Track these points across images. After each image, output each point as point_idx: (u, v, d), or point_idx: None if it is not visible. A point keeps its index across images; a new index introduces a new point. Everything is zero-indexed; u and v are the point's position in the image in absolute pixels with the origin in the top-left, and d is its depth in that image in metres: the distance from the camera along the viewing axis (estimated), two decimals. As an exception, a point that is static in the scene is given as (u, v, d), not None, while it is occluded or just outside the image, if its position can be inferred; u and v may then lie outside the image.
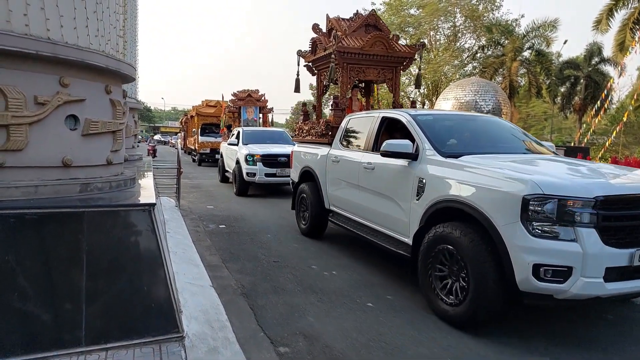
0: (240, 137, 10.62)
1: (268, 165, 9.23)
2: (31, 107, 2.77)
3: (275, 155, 9.38)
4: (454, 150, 3.79)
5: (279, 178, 9.35)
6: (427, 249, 3.36)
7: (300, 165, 6.26)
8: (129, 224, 2.85)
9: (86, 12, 3.07)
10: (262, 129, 12.99)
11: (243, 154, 9.40)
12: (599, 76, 25.97)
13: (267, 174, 9.24)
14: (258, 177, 9.20)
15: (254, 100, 16.92)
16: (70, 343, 2.30)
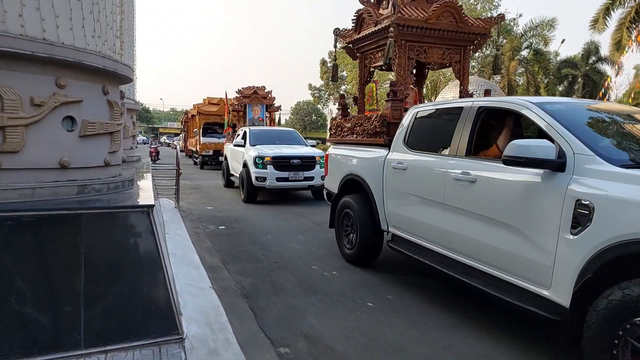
0: (247, 138, 9.75)
1: (280, 168, 8.54)
2: (27, 108, 2.74)
3: (288, 157, 8.75)
4: (626, 157, 2.51)
5: (292, 182, 8.68)
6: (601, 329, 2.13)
7: (340, 172, 4.98)
8: (127, 226, 2.83)
9: (82, 13, 3.05)
10: (270, 129, 12.01)
11: (251, 157, 8.68)
12: (597, 75, 26.03)
13: (279, 178, 8.52)
14: (269, 182, 8.45)
15: (260, 97, 15.52)
16: (69, 345, 2.28)
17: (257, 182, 8.52)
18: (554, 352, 2.83)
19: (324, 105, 40.70)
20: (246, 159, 8.98)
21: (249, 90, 15.57)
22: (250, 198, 8.79)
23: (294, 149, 9.42)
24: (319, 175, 8.61)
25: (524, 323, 3.27)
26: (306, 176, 8.74)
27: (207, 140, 17.74)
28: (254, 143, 9.50)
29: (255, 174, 8.53)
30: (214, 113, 18.75)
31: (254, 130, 10.47)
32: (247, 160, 8.90)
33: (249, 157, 8.80)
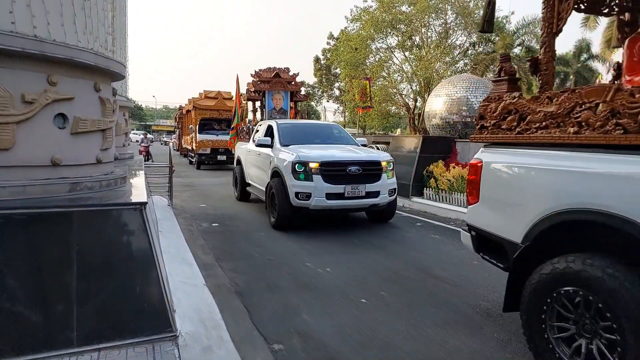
0: (275, 135, 7.00)
1: (331, 179, 5.79)
2: (18, 105, 2.72)
3: (343, 162, 5.96)
4: None
5: (350, 201, 5.90)
6: None
7: (532, 203, 2.50)
8: (120, 224, 2.82)
9: (73, 9, 3.02)
10: (306, 122, 9.11)
11: (287, 162, 5.98)
12: (588, 72, 26.31)
13: (331, 194, 5.77)
14: (315, 200, 5.73)
15: (283, 82, 11.86)
16: (61, 344, 2.27)
17: (298, 199, 5.78)
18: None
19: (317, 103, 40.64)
20: (277, 165, 6.26)
21: (268, 73, 11.85)
22: (284, 222, 6.04)
23: (346, 150, 6.63)
24: (387, 189, 6.14)
25: (517, 320, 3.32)
26: (369, 191, 5.94)
27: (204, 138, 16.08)
28: (286, 142, 6.76)
29: (296, 188, 5.77)
30: (212, 108, 17.15)
31: (284, 124, 7.57)
32: (279, 168, 6.17)
33: (283, 163, 6.07)
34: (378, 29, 25.57)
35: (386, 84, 26.53)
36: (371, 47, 26.55)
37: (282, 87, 12.01)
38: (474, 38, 26.38)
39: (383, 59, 26.79)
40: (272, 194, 6.22)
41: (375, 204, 6.10)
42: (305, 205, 5.82)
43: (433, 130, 14.32)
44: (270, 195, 6.33)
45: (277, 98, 12.00)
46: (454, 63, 27.03)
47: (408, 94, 27.98)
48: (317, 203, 5.78)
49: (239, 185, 8.69)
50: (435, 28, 26.53)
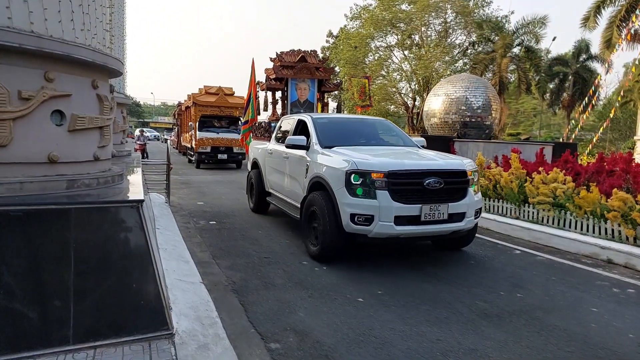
0: (312, 134, 5.35)
1: (403, 196, 4.19)
2: (15, 102, 2.71)
3: (419, 172, 4.30)
4: None
5: (427, 227, 4.28)
6: None
7: None
8: (117, 221, 2.82)
9: (71, 5, 3.01)
10: (345, 117, 6.98)
11: (338, 171, 4.37)
12: (587, 73, 26.35)
13: (402, 217, 4.16)
14: (379, 225, 4.12)
15: (310, 68, 9.70)
16: (57, 341, 2.27)
17: (355, 224, 4.17)
18: (539, 348, 2.89)
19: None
20: (320, 174, 4.66)
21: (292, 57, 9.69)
22: (331, 253, 4.53)
23: (412, 155, 4.95)
24: (473, 210, 4.54)
25: (511, 319, 3.34)
26: (453, 212, 4.34)
27: (204, 136, 15.29)
28: (326, 143, 5.12)
29: (352, 209, 4.17)
30: (212, 104, 16.34)
31: (322, 119, 5.79)
32: (323, 178, 4.57)
33: (332, 172, 4.49)
34: (378, 28, 25.54)
35: (385, 83, 26.53)
36: (370, 45, 26.51)
37: (309, 74, 9.66)
38: (474, 37, 26.38)
39: (382, 58, 26.78)
40: (312, 214, 4.64)
41: (458, 230, 4.47)
42: (364, 231, 4.15)
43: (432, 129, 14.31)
44: (309, 215, 4.70)
45: (302, 88, 9.78)
46: (453, 62, 27.05)
47: (407, 93, 27.97)
48: (382, 230, 4.07)
49: (255, 194, 7.04)
50: (434, 27, 26.54)
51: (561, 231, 5.74)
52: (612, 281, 4.30)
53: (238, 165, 16.05)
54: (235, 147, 15.46)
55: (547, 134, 34.74)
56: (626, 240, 5.17)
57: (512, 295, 3.81)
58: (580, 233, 5.64)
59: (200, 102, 16.45)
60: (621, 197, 5.33)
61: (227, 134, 15.77)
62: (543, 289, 4.01)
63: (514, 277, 4.33)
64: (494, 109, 13.79)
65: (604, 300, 3.78)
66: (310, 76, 9.93)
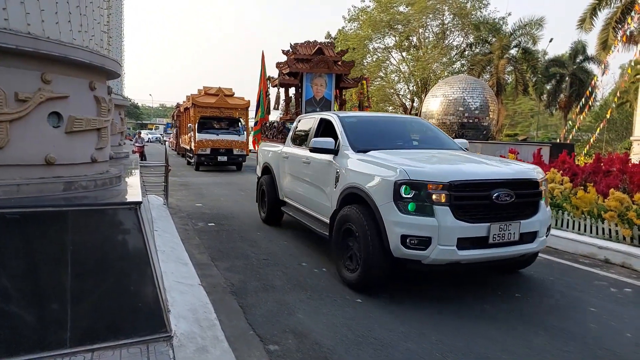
0: (340, 135, 4.59)
1: (467, 213, 3.44)
2: (12, 103, 2.70)
3: (486, 183, 3.55)
4: None
5: (496, 250, 3.50)
6: None
7: None
8: (114, 223, 2.80)
9: (68, 7, 3.00)
10: (376, 116, 6.10)
11: (384, 181, 3.59)
12: (584, 74, 26.49)
13: (467, 239, 3.40)
14: (438, 250, 3.33)
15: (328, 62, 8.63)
16: (54, 344, 2.26)
17: (407, 248, 3.40)
18: (538, 348, 2.89)
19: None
20: (357, 184, 3.88)
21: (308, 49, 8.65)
22: (375, 282, 3.74)
23: (471, 161, 4.09)
24: (545, 227, 3.80)
25: (509, 319, 3.34)
26: (525, 231, 3.59)
27: (203, 137, 15.04)
28: (359, 146, 4.36)
29: (402, 229, 3.40)
30: (212, 105, 15.98)
31: (350, 118, 5.01)
32: (363, 189, 3.77)
33: (374, 182, 3.69)
34: (376, 29, 25.61)
35: (383, 84, 26.59)
36: (369, 47, 26.58)
37: (326, 69, 8.56)
38: (471, 39, 26.47)
39: (380, 59, 26.84)
40: (347, 232, 3.87)
41: (526, 253, 3.75)
42: (418, 257, 3.36)
43: (429, 130, 14.32)
44: (343, 233, 3.95)
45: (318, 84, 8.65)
46: (450, 64, 27.12)
47: (405, 94, 28.03)
48: (441, 255, 3.30)
49: (267, 203, 6.26)
50: (432, 29, 26.62)
51: (559, 231, 5.75)
52: (609, 281, 4.31)
53: (238, 168, 15.86)
54: (235, 148, 15.30)
55: (545, 134, 34.87)
56: (623, 240, 5.19)
57: (510, 295, 3.81)
58: (577, 233, 5.65)
59: (200, 103, 16.09)
60: (618, 197, 5.35)
61: (227, 136, 15.46)
62: (541, 289, 4.01)
63: (512, 277, 4.33)
64: (492, 110, 13.83)
65: (602, 300, 3.79)
66: (327, 70, 8.68)
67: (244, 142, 15.52)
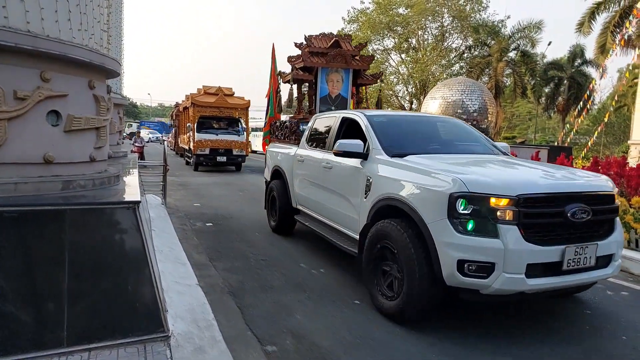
0: (370, 137, 4.03)
1: (538, 232, 2.87)
2: (10, 102, 2.69)
3: (561, 197, 2.97)
4: None
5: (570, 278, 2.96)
6: None
7: None
8: (112, 222, 2.79)
9: (68, 5, 2.99)
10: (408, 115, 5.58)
11: (434, 192, 2.99)
12: (582, 77, 26.58)
13: (537, 265, 2.82)
14: (504, 279, 2.74)
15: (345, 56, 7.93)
16: (51, 344, 2.25)
17: (466, 274, 2.80)
18: (536, 349, 2.89)
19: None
20: (400, 196, 3.27)
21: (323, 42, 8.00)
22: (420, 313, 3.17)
23: (534, 169, 3.57)
24: (621, 249, 3.32)
25: (508, 320, 3.34)
26: (601, 254, 3.07)
27: (202, 137, 14.85)
28: (394, 149, 3.82)
29: (459, 252, 2.81)
30: (212, 105, 15.67)
31: (379, 117, 4.42)
32: (406, 202, 3.19)
33: (417, 193, 3.15)
34: (375, 31, 25.65)
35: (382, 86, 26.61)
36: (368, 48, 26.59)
37: (343, 63, 7.85)
38: (470, 41, 26.54)
39: (379, 61, 26.86)
40: (383, 251, 3.34)
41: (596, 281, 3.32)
42: (477, 286, 2.83)
43: (428, 132, 14.32)
44: (378, 253, 3.40)
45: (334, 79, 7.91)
46: (449, 66, 27.19)
47: (404, 96, 28.07)
48: (506, 285, 2.76)
49: (278, 211, 5.72)
50: (431, 31, 26.68)
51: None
52: (606, 284, 4.32)
53: (237, 168, 15.73)
54: (234, 149, 15.16)
55: (542, 137, 34.97)
56: (621, 243, 5.20)
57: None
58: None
59: (199, 102, 15.72)
60: (616, 200, 5.35)
61: (227, 136, 15.28)
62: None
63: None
64: (490, 112, 13.87)
65: (598, 303, 3.79)
66: (345, 65, 7.92)
67: (244, 143, 15.40)
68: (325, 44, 8.12)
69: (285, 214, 5.61)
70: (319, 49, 8.03)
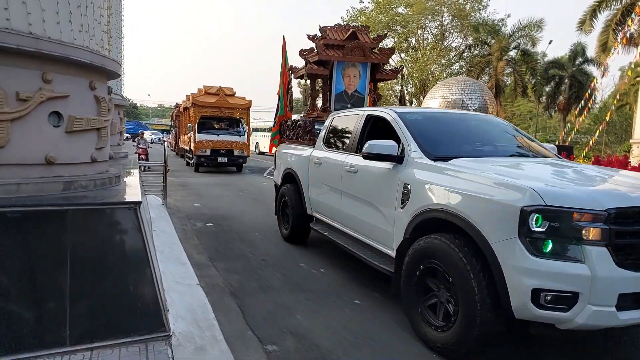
0: (407, 137, 3.48)
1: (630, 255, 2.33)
2: (12, 103, 2.71)
3: None
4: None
5: None
6: None
7: None
8: (114, 223, 2.81)
9: (69, 7, 3.01)
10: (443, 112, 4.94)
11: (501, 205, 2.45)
12: (583, 76, 26.56)
13: (631, 296, 2.29)
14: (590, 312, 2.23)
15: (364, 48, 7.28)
16: (54, 343, 2.27)
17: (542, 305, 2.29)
18: (539, 353, 2.90)
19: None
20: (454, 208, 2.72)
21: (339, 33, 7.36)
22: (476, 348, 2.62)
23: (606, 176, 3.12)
24: None
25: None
26: None
27: (203, 138, 14.65)
28: (436, 152, 3.32)
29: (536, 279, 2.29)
30: (213, 105, 15.47)
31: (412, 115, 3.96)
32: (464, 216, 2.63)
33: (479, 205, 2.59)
34: (374, 31, 25.64)
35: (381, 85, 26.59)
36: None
37: (362, 57, 7.15)
38: (470, 40, 26.52)
39: (380, 60, 26.79)
40: (428, 273, 2.88)
41: None
42: (555, 320, 2.36)
43: (429, 132, 14.35)
44: (422, 274, 2.92)
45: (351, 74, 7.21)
46: (449, 65, 27.18)
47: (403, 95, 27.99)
48: (593, 319, 2.28)
49: (291, 218, 5.28)
50: (431, 30, 26.67)
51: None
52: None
53: (239, 169, 15.61)
54: (236, 149, 14.94)
55: (543, 136, 34.95)
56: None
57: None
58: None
59: (200, 102, 15.50)
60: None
61: (228, 136, 15.12)
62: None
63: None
64: (490, 111, 13.87)
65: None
66: (363, 59, 7.22)
67: (245, 143, 15.25)
68: (341, 36, 7.39)
69: (299, 221, 5.16)
70: (335, 41, 7.30)
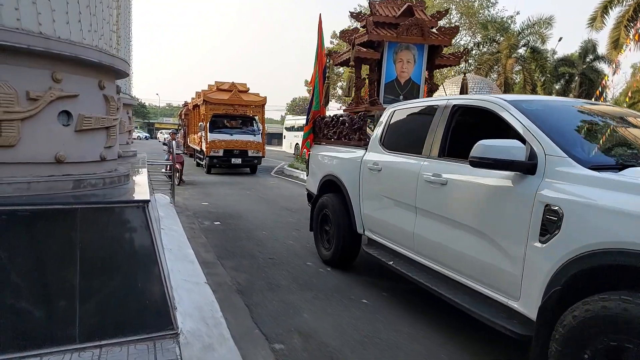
0: (541, 136, 2.32)
1: None
2: (23, 102, 2.74)
3: None
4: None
5: None
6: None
7: None
8: (122, 221, 2.83)
9: (79, 7, 3.03)
10: (564, 101, 3.20)
11: None
12: (594, 74, 26.16)
13: None
14: None
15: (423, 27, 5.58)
16: (63, 340, 2.29)
17: None
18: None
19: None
20: None
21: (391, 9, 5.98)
22: None
23: None
24: None
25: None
26: None
27: (216, 137, 13.62)
28: (594, 159, 2.26)
29: None
30: (225, 102, 14.31)
31: (532, 103, 2.70)
32: None
33: None
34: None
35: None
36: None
37: (420, 37, 5.63)
38: (479, 38, 26.29)
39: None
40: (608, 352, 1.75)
41: None
42: None
43: (436, 130, 14.31)
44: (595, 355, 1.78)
45: (404, 59, 5.70)
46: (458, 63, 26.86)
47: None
48: None
49: (335, 236, 4.36)
50: (439, 28, 26.38)
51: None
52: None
53: (252, 171, 14.50)
54: (250, 150, 13.96)
55: (553, 135, 34.50)
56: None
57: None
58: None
59: (212, 99, 14.23)
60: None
61: (242, 136, 14.10)
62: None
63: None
64: (500, 110, 13.73)
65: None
66: (421, 40, 5.63)
67: (260, 143, 14.25)
68: (393, 12, 5.86)
69: (347, 241, 4.22)
70: (386, 18, 5.79)
